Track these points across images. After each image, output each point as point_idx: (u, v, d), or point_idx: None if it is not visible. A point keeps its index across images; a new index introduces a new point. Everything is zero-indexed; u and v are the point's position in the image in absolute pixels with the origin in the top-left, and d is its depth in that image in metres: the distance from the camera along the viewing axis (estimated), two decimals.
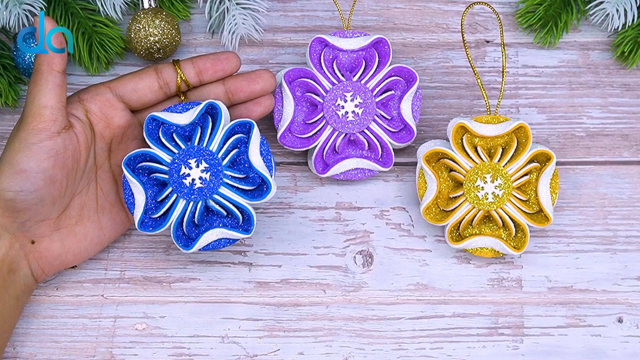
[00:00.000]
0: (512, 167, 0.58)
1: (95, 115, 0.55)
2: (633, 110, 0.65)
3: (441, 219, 0.60)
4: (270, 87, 0.58)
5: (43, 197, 0.52)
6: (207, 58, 0.57)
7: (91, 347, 0.60)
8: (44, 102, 0.51)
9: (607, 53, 0.66)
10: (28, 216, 0.53)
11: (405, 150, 0.64)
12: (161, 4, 0.65)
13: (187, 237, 0.55)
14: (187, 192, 0.54)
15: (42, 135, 0.51)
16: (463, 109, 0.65)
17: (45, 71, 0.52)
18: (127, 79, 0.56)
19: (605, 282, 0.61)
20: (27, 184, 0.51)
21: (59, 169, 0.52)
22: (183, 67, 0.57)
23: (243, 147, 0.55)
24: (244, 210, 0.55)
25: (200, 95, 0.57)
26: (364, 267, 0.62)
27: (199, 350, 0.60)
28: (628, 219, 0.62)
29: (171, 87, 0.57)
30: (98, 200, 0.57)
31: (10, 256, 0.53)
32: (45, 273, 0.56)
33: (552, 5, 0.64)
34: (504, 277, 0.61)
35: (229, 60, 0.57)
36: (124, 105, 0.56)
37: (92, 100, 0.55)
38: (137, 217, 0.54)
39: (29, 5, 0.61)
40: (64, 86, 0.52)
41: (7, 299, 0.54)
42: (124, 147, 0.57)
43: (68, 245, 0.56)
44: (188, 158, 0.54)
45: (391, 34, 0.66)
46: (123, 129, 0.56)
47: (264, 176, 0.54)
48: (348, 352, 0.60)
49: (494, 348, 0.60)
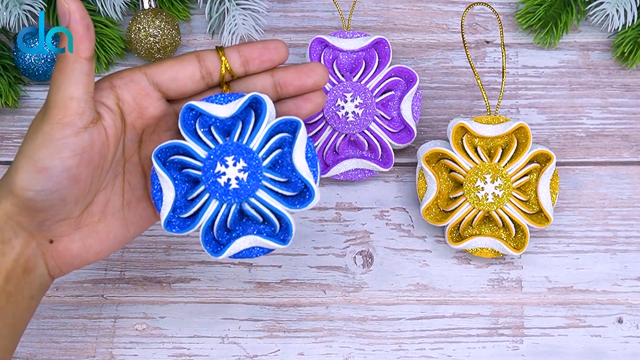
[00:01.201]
0: (512, 167, 0.58)
1: (128, 104, 0.49)
2: (633, 110, 0.65)
3: (441, 220, 0.60)
4: (323, 82, 0.52)
5: (65, 197, 0.48)
6: (254, 46, 0.51)
7: (91, 348, 0.60)
8: (70, 93, 0.46)
9: (607, 53, 0.66)
10: (47, 216, 0.48)
11: (405, 151, 0.64)
12: (161, 5, 0.65)
13: (217, 242, 0.50)
14: (221, 192, 0.48)
15: (67, 130, 0.46)
16: (463, 110, 0.65)
17: (71, 57, 0.46)
18: (166, 65, 0.50)
19: (605, 282, 0.61)
20: (49, 184, 0.46)
21: (85, 167, 0.47)
22: (228, 55, 0.50)
23: (287, 148, 0.49)
24: (282, 218, 0.49)
25: (246, 87, 0.52)
26: (364, 267, 0.62)
27: (199, 351, 0.60)
28: (628, 220, 0.62)
29: (214, 77, 0.50)
30: (124, 195, 0.52)
31: (25, 255, 0.49)
32: (63, 272, 0.52)
33: (552, 5, 0.64)
34: (504, 277, 0.61)
35: (278, 50, 0.51)
36: (160, 95, 0.50)
37: (126, 87, 0.49)
38: (163, 216, 0.49)
39: (29, 6, 0.61)
40: (92, 74, 0.47)
41: (21, 300, 0.50)
42: (156, 139, 0.52)
43: (89, 244, 0.51)
44: (225, 155, 0.48)
45: (391, 35, 0.66)
46: (157, 120, 0.51)
47: (307, 182, 0.48)
48: (348, 353, 0.60)
49: (494, 348, 0.60)
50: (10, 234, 0.48)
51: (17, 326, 0.50)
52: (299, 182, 0.49)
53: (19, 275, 0.49)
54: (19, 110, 0.65)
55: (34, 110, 0.65)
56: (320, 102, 0.52)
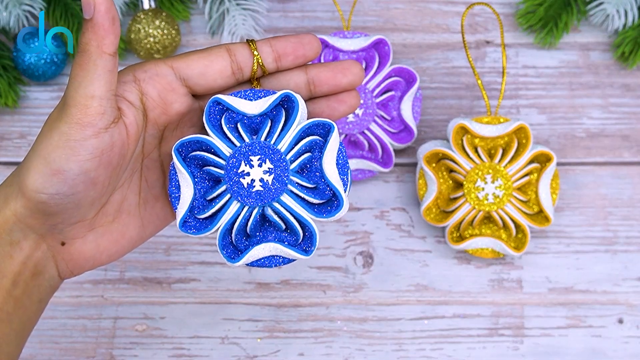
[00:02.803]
0: (513, 167, 0.58)
1: (152, 100, 0.46)
2: (633, 110, 0.65)
3: (441, 220, 0.60)
4: (358, 81, 0.48)
5: (80, 201, 0.44)
6: (287, 41, 0.47)
7: (91, 348, 0.60)
8: (91, 92, 0.42)
9: (607, 53, 0.66)
10: (61, 219, 0.45)
11: (405, 151, 0.64)
12: (161, 5, 0.65)
13: (235, 247, 0.46)
14: (244, 194, 0.44)
15: (87, 131, 0.42)
16: (463, 110, 0.65)
17: (94, 53, 0.42)
18: (194, 59, 0.46)
19: (606, 282, 0.61)
20: (64, 187, 0.43)
21: (103, 169, 0.44)
22: (260, 50, 0.47)
23: (317, 152, 0.45)
24: (305, 226, 0.45)
25: (278, 83, 0.48)
26: (364, 267, 0.62)
27: (199, 351, 0.60)
28: (628, 220, 0.62)
29: (245, 72, 0.47)
30: (141, 193, 0.48)
31: (35, 258, 0.46)
32: (74, 274, 0.49)
33: (553, 5, 0.64)
34: (504, 277, 0.61)
35: (312, 45, 0.47)
36: (187, 90, 0.46)
37: (151, 81, 0.46)
38: (179, 215, 0.46)
39: (28, 6, 0.61)
40: (115, 71, 0.43)
41: (29, 304, 0.47)
42: (178, 134, 0.48)
43: (103, 246, 0.48)
44: (251, 154, 0.44)
45: (391, 35, 0.66)
46: (181, 116, 0.47)
47: (336, 190, 0.44)
48: (348, 353, 0.60)
49: (494, 349, 0.60)
50: (20, 235, 0.45)
51: (24, 331, 0.47)
52: (327, 189, 0.45)
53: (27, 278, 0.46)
54: (19, 111, 0.65)
55: (34, 111, 0.65)
56: (355, 104, 0.49)
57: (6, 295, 0.45)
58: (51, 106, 0.65)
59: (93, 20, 0.42)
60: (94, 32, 0.42)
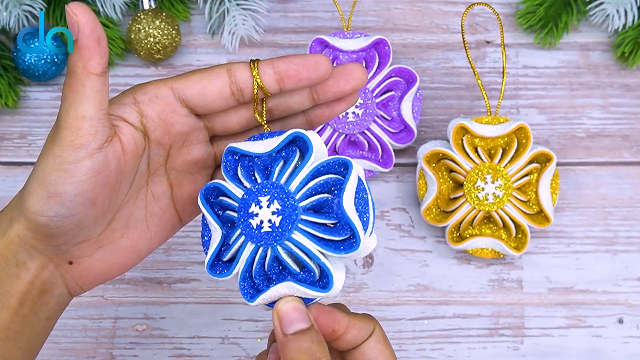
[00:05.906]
0: (513, 167, 0.58)
1: (152, 121, 0.46)
2: (633, 110, 0.65)
3: (441, 220, 0.60)
4: (362, 85, 0.48)
5: (81, 221, 0.44)
6: (291, 61, 0.46)
7: (91, 348, 0.60)
8: (82, 113, 0.42)
9: (607, 54, 0.66)
10: (64, 240, 0.45)
11: (405, 151, 0.64)
12: (161, 5, 0.65)
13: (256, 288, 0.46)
14: (253, 235, 0.44)
15: (80, 153, 0.43)
16: (463, 110, 0.65)
17: (80, 74, 0.42)
18: (193, 79, 0.46)
19: (606, 282, 0.61)
20: (62, 209, 0.43)
21: (101, 189, 0.44)
22: (262, 71, 0.46)
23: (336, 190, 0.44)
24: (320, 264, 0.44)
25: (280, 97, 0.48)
26: (365, 267, 0.62)
27: (199, 351, 0.60)
28: (628, 220, 0.62)
29: (245, 94, 0.46)
30: (147, 207, 0.49)
31: (42, 277, 0.46)
32: (85, 289, 0.49)
33: (553, 5, 0.64)
34: (504, 277, 0.61)
35: (318, 67, 0.46)
36: (188, 111, 0.46)
37: (150, 103, 0.46)
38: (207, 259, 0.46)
39: (28, 6, 0.61)
40: (106, 90, 0.43)
41: (37, 323, 0.47)
42: (185, 152, 0.48)
43: (112, 261, 0.48)
44: (260, 195, 0.44)
45: (391, 35, 0.66)
46: (185, 135, 0.47)
47: (353, 226, 0.43)
48: None
49: (495, 349, 0.60)
50: (25, 256, 0.45)
51: (32, 349, 0.47)
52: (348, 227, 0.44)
53: (35, 297, 0.46)
54: (19, 111, 0.65)
55: (34, 111, 0.65)
56: (354, 99, 0.48)
57: (13, 314, 0.45)
58: (51, 106, 0.65)
59: (78, 41, 0.42)
60: (79, 54, 0.42)
